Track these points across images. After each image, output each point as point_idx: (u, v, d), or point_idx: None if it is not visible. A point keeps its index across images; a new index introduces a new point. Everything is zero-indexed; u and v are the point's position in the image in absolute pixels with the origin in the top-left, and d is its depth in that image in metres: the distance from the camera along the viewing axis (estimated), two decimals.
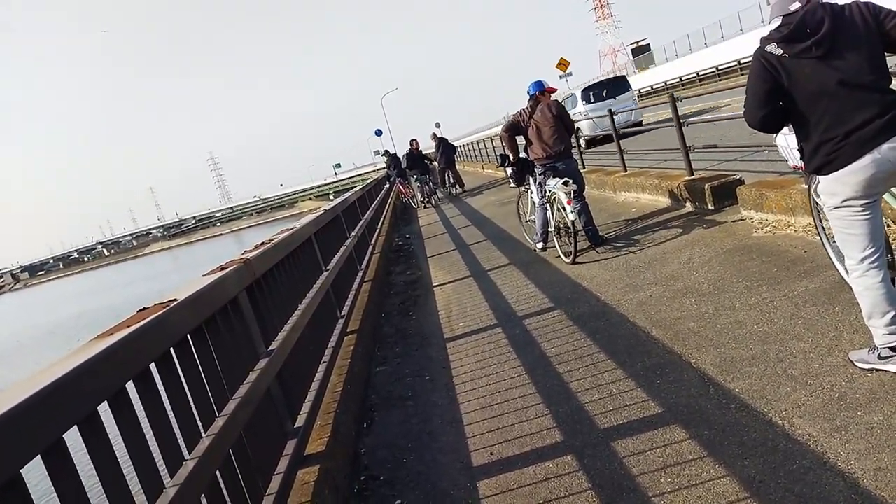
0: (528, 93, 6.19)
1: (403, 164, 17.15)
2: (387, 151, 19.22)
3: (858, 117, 2.28)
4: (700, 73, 34.68)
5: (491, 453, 2.82)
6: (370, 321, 5.21)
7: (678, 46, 43.03)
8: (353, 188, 9.50)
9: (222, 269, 2.39)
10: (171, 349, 1.82)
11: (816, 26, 2.30)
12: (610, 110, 9.06)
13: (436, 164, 17.30)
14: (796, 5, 2.35)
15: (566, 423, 2.88)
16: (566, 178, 5.77)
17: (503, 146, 6.59)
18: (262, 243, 3.13)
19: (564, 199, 5.62)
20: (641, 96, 41.81)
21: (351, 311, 4.88)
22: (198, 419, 1.86)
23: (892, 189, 2.71)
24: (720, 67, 32.48)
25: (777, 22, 2.42)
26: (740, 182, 5.86)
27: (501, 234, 8.66)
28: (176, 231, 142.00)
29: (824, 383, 2.54)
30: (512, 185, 6.97)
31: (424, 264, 8.23)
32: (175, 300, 1.88)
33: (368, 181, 14.14)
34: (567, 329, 4.11)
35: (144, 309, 1.85)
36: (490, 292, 5.67)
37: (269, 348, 2.61)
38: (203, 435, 1.83)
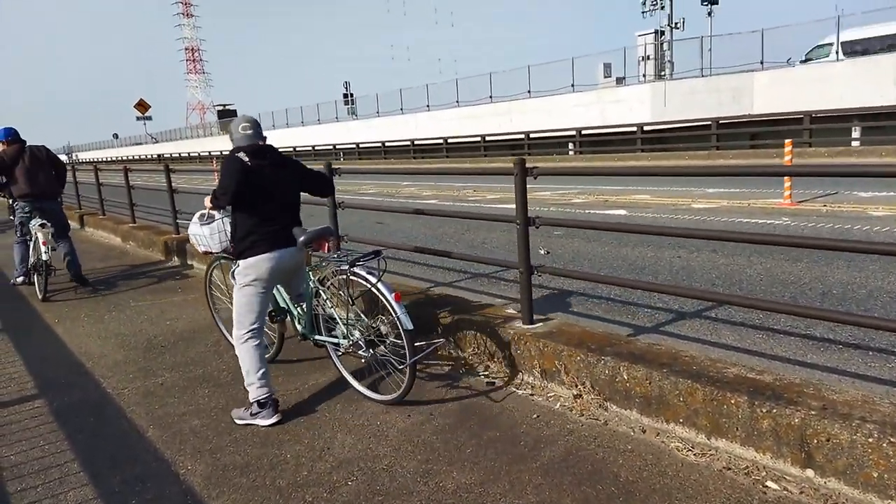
0: None
1: None
2: None
3: (279, 223, 3.18)
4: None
5: None
6: None
7: (263, 120, 44.74)
8: None
9: None
10: None
11: (270, 154, 3.25)
12: None
13: None
14: (268, 141, 3.31)
15: None
16: (44, 221, 6.12)
17: None
18: None
19: (41, 239, 5.99)
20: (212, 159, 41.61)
21: None
22: None
23: (280, 285, 3.50)
24: (298, 148, 35.12)
25: (245, 142, 3.20)
26: None
27: None
28: None
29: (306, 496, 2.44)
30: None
31: None
32: None
33: None
34: (44, 427, 3.24)
35: None
36: None
37: None
38: None
